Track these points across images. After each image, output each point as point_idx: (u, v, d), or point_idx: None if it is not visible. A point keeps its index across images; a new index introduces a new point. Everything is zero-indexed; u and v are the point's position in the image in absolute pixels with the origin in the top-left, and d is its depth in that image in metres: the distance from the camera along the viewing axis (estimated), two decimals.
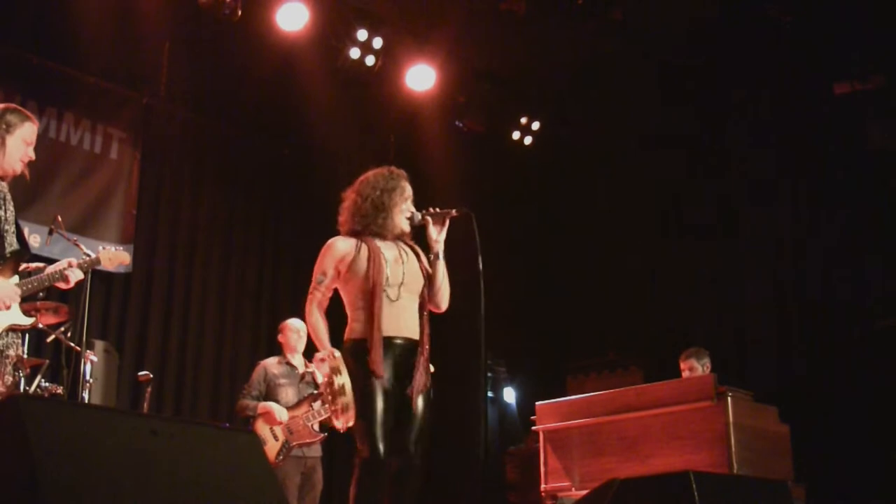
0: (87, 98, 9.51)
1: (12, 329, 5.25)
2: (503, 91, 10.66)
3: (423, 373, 4.93)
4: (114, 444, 2.93)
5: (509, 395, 11.33)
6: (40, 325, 7.17)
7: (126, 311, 9.50)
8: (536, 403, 6.39)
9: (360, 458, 4.75)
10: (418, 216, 5.17)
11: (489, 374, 10.74)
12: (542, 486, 6.24)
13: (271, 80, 10.04)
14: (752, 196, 9.38)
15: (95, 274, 6.91)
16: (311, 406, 7.32)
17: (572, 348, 10.29)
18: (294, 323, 7.76)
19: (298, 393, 7.47)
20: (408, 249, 5.15)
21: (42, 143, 8.96)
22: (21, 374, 6.47)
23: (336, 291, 5.17)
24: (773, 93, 9.27)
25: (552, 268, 10.93)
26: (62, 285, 5.51)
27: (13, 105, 5.34)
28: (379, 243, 5.06)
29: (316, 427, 7.30)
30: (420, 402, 4.89)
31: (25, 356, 6.75)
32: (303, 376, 7.59)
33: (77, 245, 6.73)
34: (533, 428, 6.39)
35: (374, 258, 4.96)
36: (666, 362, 7.98)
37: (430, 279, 5.12)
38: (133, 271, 9.49)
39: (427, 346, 4.98)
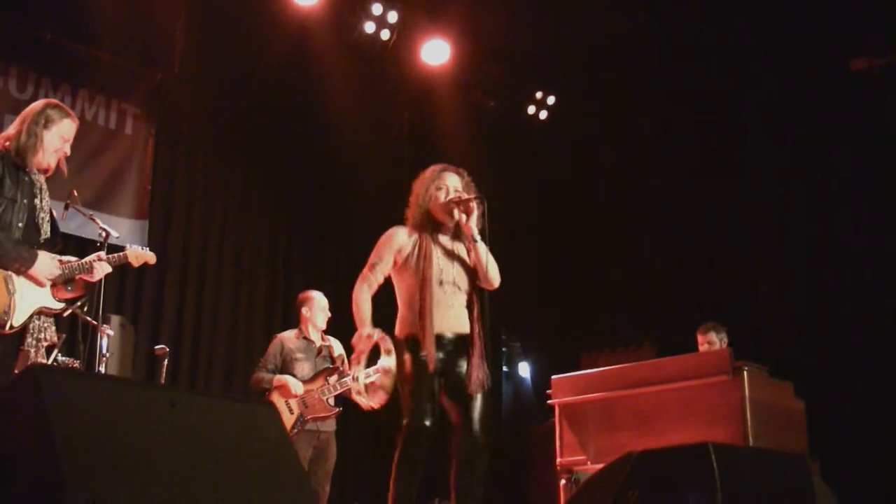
0: (102, 75, 9.50)
1: (43, 313, 5.37)
2: (518, 65, 10.61)
3: (478, 369, 5.07)
4: (132, 415, 2.94)
5: (524, 370, 11.35)
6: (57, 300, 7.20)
7: (141, 285, 9.52)
8: (552, 377, 6.39)
9: (404, 430, 4.94)
10: (446, 201, 5.29)
11: (503, 349, 10.75)
12: (558, 461, 6.23)
13: (285, 56, 10.01)
14: (766, 173, 9.33)
15: (110, 249, 6.90)
16: (327, 380, 7.33)
17: (586, 325, 10.28)
18: (320, 299, 7.76)
19: (314, 367, 7.48)
20: (462, 246, 5.29)
21: None
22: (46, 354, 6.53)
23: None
24: (788, 69, 9.19)
25: (567, 244, 10.90)
26: (87, 278, 5.61)
27: (55, 101, 5.51)
28: (439, 238, 5.24)
29: (331, 401, 7.31)
30: (479, 395, 5.04)
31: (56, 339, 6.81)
32: (319, 350, 7.60)
33: (93, 220, 6.77)
34: (548, 402, 6.38)
35: (425, 253, 5.11)
36: (679, 339, 7.97)
37: (476, 267, 5.25)
38: (148, 246, 9.49)
39: (480, 343, 5.11)
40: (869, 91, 8.49)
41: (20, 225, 5.21)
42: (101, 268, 5.59)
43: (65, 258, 5.53)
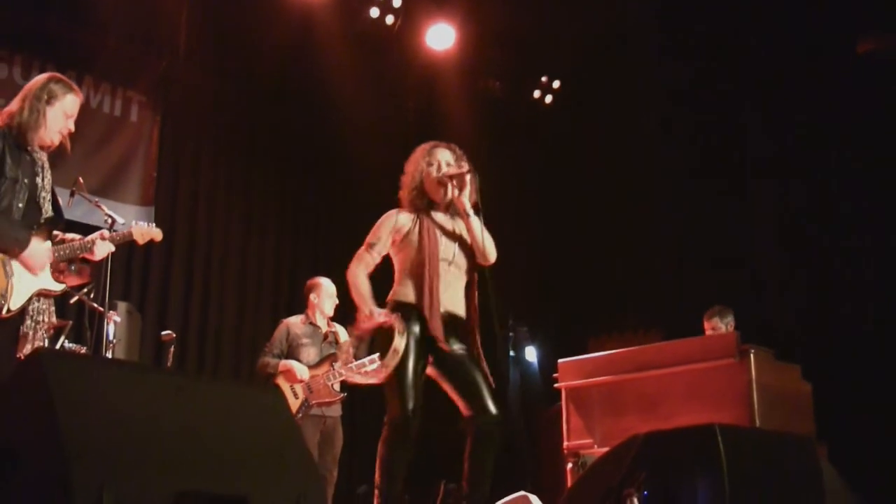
0: (107, 62, 9.49)
1: (42, 294, 5.28)
2: (523, 50, 10.59)
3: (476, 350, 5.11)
4: (138, 401, 2.94)
5: (531, 354, 11.35)
6: (64, 286, 7.21)
7: (148, 272, 9.54)
8: (559, 360, 6.39)
9: (389, 416, 4.88)
10: (438, 176, 5.26)
11: (511, 334, 10.75)
12: (565, 444, 6.25)
13: (290, 42, 9.99)
14: (772, 156, 9.30)
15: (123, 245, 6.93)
16: (332, 366, 7.34)
17: (593, 309, 10.27)
18: (329, 286, 7.75)
19: (320, 353, 7.49)
20: (460, 224, 5.26)
21: None
22: (45, 336, 6.53)
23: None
24: (794, 52, 9.15)
25: (574, 228, 10.88)
26: (88, 256, 5.53)
27: (58, 76, 5.33)
28: (437, 217, 5.21)
29: (336, 387, 7.33)
30: (477, 369, 5.04)
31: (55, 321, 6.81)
32: (325, 336, 7.61)
33: (99, 207, 6.75)
34: (555, 385, 6.39)
35: (429, 231, 5.11)
36: (687, 323, 7.96)
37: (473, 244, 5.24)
38: None
39: (477, 332, 5.14)
40: (874, 78, 8.46)
41: (20, 205, 5.06)
42: (104, 247, 5.46)
43: (68, 236, 5.45)
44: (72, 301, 7.40)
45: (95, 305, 7.20)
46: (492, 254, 5.25)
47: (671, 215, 9.90)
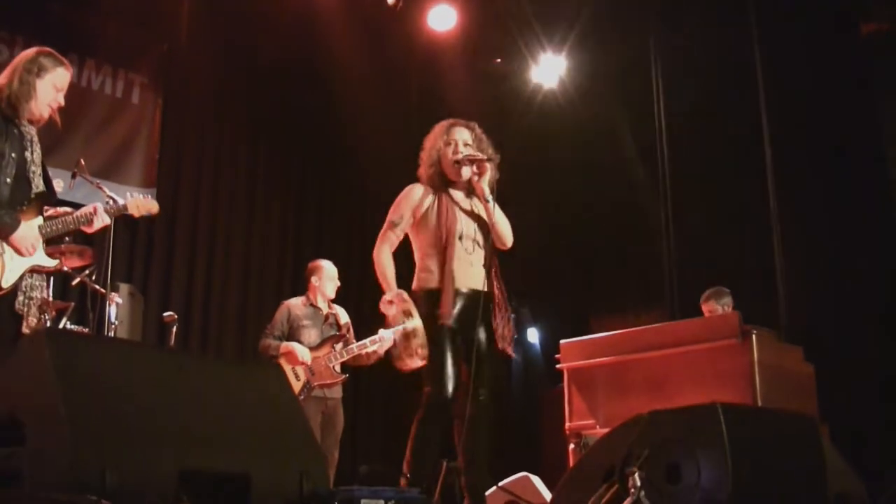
0: (109, 44, 9.49)
1: (35, 271, 5.24)
2: (525, 30, 10.55)
3: (505, 325, 5.19)
4: (140, 378, 2.95)
5: (533, 335, 11.36)
6: (66, 269, 7.22)
7: (150, 254, 9.55)
8: (561, 341, 6.39)
9: (425, 397, 4.88)
10: (457, 158, 5.28)
11: (512, 315, 10.76)
12: (567, 425, 6.24)
13: (292, 23, 9.97)
14: (776, 134, 9.25)
15: (118, 218, 6.92)
16: (334, 347, 7.35)
17: (596, 289, 10.27)
18: (330, 268, 7.76)
19: (321, 334, 7.50)
20: (480, 204, 5.28)
21: None
22: (47, 317, 6.53)
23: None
24: (797, 32, 9.09)
25: (576, 208, 10.86)
26: (86, 229, 5.50)
27: (48, 49, 5.27)
28: (454, 194, 5.18)
29: (337, 368, 7.33)
30: (488, 350, 5.09)
31: (51, 299, 6.80)
32: (326, 318, 7.62)
33: (100, 188, 6.74)
34: (557, 366, 6.39)
35: (447, 209, 5.10)
36: (690, 303, 7.96)
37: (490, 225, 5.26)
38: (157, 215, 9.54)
39: (503, 299, 5.20)
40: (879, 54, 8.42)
41: (8, 181, 4.99)
42: (99, 219, 5.44)
43: (60, 209, 5.41)
44: (74, 283, 7.42)
45: (97, 287, 7.21)
46: (508, 239, 5.31)
47: (675, 192, 9.86)
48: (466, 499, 5.00)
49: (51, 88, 5.17)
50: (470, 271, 5.10)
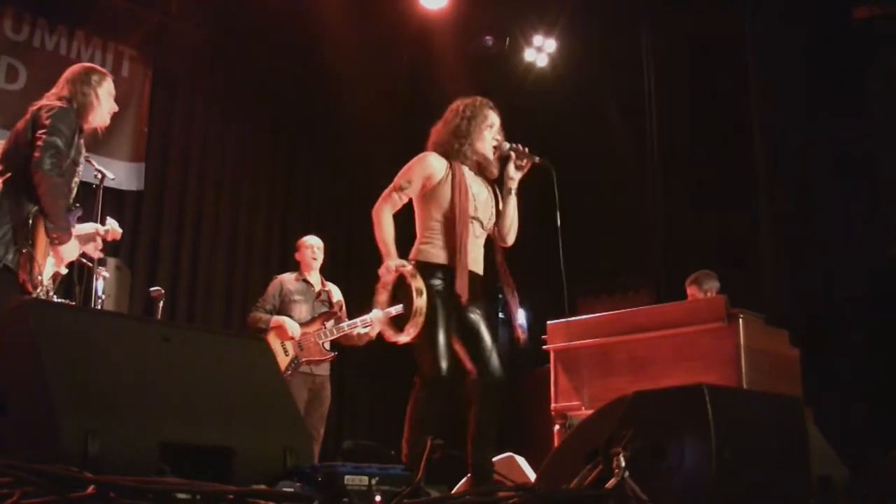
0: (98, 16, 9.44)
1: (55, 278, 5.38)
2: (517, 9, 10.52)
3: (516, 303, 5.36)
4: (125, 349, 2.94)
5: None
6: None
7: (138, 228, 9.51)
8: (547, 322, 6.39)
9: (420, 376, 4.89)
10: (507, 146, 5.26)
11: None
12: (552, 406, 6.27)
13: None
14: (766, 118, 9.25)
15: (106, 191, 6.90)
16: (324, 324, 7.35)
17: (583, 270, 10.25)
18: (311, 240, 7.77)
19: (312, 310, 7.49)
20: (488, 185, 5.28)
21: (53, 60, 9.04)
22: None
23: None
24: (788, 18, 9.08)
25: (564, 189, 10.83)
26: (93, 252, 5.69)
27: (90, 65, 5.59)
28: (466, 172, 5.13)
29: (327, 346, 7.33)
30: (485, 325, 5.08)
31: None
32: (318, 294, 7.61)
33: (89, 162, 6.71)
34: (543, 347, 6.40)
35: (461, 186, 5.04)
36: (677, 285, 7.96)
37: (500, 214, 5.29)
38: (145, 188, 9.52)
39: (510, 277, 5.34)
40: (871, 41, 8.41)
41: (73, 187, 5.26)
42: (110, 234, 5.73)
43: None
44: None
45: (84, 261, 7.18)
46: (513, 237, 5.39)
47: (664, 177, 9.87)
48: (471, 477, 5.01)
49: (108, 98, 5.44)
50: (473, 252, 5.08)
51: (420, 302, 4.75)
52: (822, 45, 8.75)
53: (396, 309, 5.10)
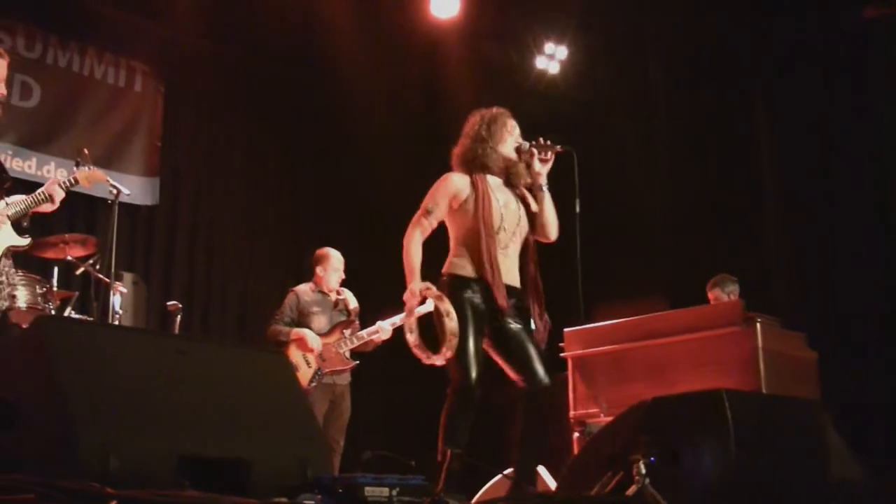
0: (110, 32, 9.52)
1: (14, 251, 5.32)
2: (528, 17, 10.50)
3: (543, 319, 5.21)
4: (140, 363, 2.95)
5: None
6: (69, 258, 7.25)
7: (153, 242, 9.56)
8: (564, 329, 6.38)
9: (452, 386, 4.91)
10: (526, 145, 5.28)
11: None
12: (571, 413, 6.23)
13: (293, 9, 9.93)
14: (778, 122, 9.22)
15: (121, 206, 6.93)
16: (343, 333, 7.37)
17: (598, 277, 10.21)
18: (336, 260, 7.74)
19: (330, 320, 7.49)
20: (517, 196, 5.27)
21: (65, 76, 9.08)
22: (51, 307, 6.55)
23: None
24: (799, 17, 9.04)
25: (577, 195, 10.79)
26: (47, 207, 5.57)
27: None
28: (491, 182, 5.17)
29: (347, 355, 7.36)
30: (526, 334, 5.10)
31: (55, 288, 6.83)
32: (336, 304, 7.61)
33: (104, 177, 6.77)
34: (560, 354, 6.38)
35: (485, 200, 5.06)
36: (693, 291, 7.93)
37: (534, 216, 5.27)
38: (159, 203, 9.56)
39: (541, 293, 5.24)
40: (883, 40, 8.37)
41: None
42: (57, 193, 5.57)
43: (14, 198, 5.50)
44: (78, 272, 7.43)
45: (101, 276, 7.22)
46: (554, 231, 5.35)
47: (677, 181, 9.83)
48: (514, 485, 5.02)
49: None
50: (505, 263, 5.09)
51: (451, 324, 4.77)
52: (832, 48, 8.73)
53: (402, 318, 5.11)
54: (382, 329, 7.35)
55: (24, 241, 5.48)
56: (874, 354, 8.06)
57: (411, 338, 4.97)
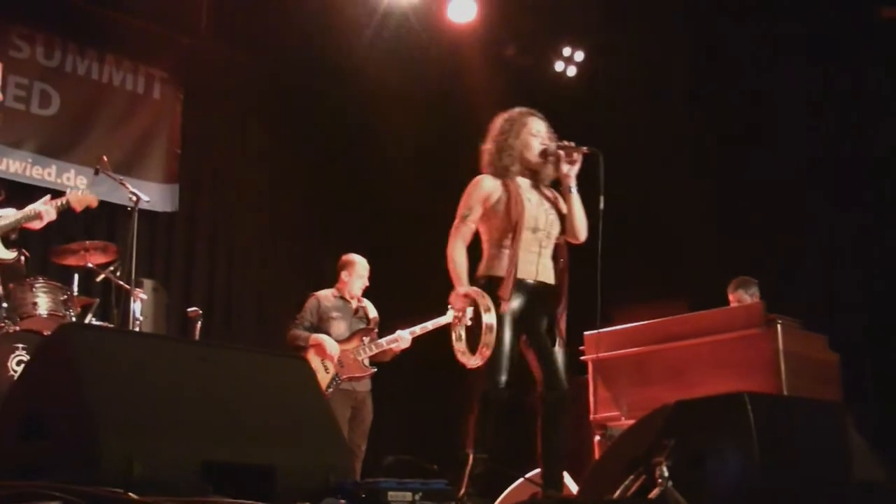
0: (129, 39, 9.53)
1: (0, 264, 5.35)
2: (546, 20, 10.49)
3: (563, 322, 5.16)
4: (163, 371, 2.96)
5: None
6: (90, 265, 7.28)
7: (172, 249, 9.58)
8: (584, 333, 6.37)
9: (480, 390, 4.90)
10: (553, 147, 5.27)
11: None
12: (592, 416, 6.24)
13: (312, 16, 9.94)
14: (792, 124, 9.18)
15: (141, 213, 6.96)
16: (363, 340, 7.36)
17: (618, 280, 10.18)
18: (361, 267, 7.72)
19: (350, 327, 7.48)
20: (546, 197, 5.28)
21: (84, 84, 9.12)
22: (72, 314, 6.58)
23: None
24: (813, 18, 8.99)
25: (598, 200, 10.75)
26: (36, 224, 5.58)
27: None
28: (521, 183, 5.20)
29: (366, 362, 7.34)
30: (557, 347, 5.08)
31: (76, 295, 6.86)
32: (356, 311, 7.60)
33: (123, 185, 6.81)
34: (581, 358, 6.37)
35: (516, 199, 5.08)
36: (713, 293, 7.90)
37: (564, 217, 5.27)
38: (178, 210, 9.59)
39: (565, 296, 5.19)
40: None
41: None
42: (49, 215, 5.59)
43: (5, 211, 5.52)
44: (98, 279, 7.46)
45: (121, 283, 7.25)
46: (584, 232, 5.34)
47: (697, 185, 9.80)
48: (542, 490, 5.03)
49: None
50: (538, 261, 5.11)
51: (489, 319, 4.77)
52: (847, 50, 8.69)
53: (423, 327, 5.12)
54: (402, 338, 7.33)
55: (11, 255, 5.51)
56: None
57: (459, 345, 4.96)
